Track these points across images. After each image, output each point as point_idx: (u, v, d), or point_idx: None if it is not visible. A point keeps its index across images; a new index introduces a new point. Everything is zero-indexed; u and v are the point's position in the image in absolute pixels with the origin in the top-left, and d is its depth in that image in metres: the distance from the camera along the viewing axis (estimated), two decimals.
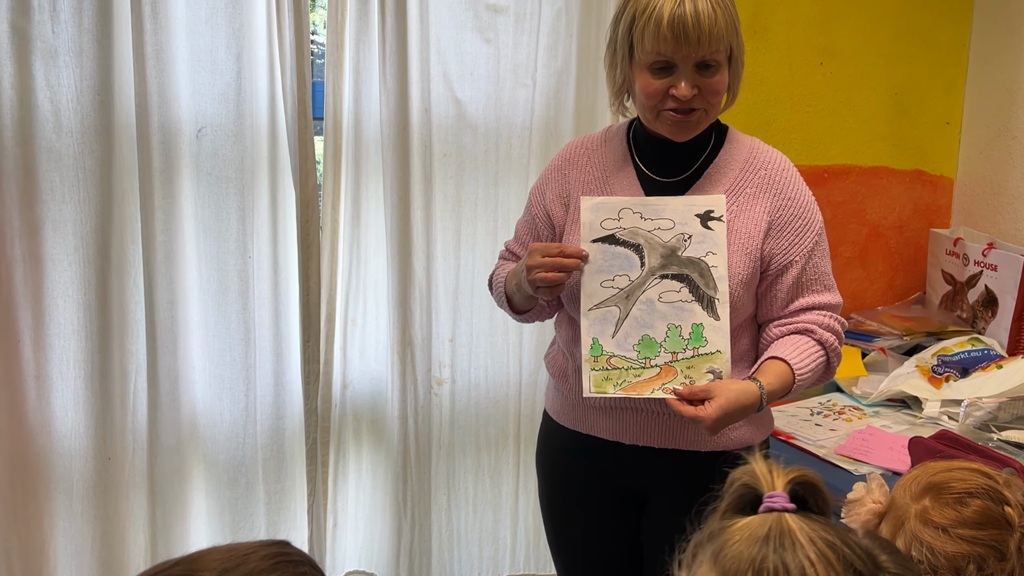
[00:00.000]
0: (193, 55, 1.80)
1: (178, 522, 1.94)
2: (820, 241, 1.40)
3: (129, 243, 1.82)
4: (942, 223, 2.54)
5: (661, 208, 1.34)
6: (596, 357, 1.34)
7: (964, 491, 1.00)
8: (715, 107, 1.35)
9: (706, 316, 1.32)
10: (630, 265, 1.34)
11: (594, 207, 1.35)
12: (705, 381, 1.30)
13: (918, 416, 2.00)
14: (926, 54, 2.42)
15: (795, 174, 1.41)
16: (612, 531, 1.51)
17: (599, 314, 1.34)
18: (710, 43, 1.26)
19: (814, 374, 1.38)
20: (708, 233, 1.32)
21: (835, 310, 1.42)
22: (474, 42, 2.01)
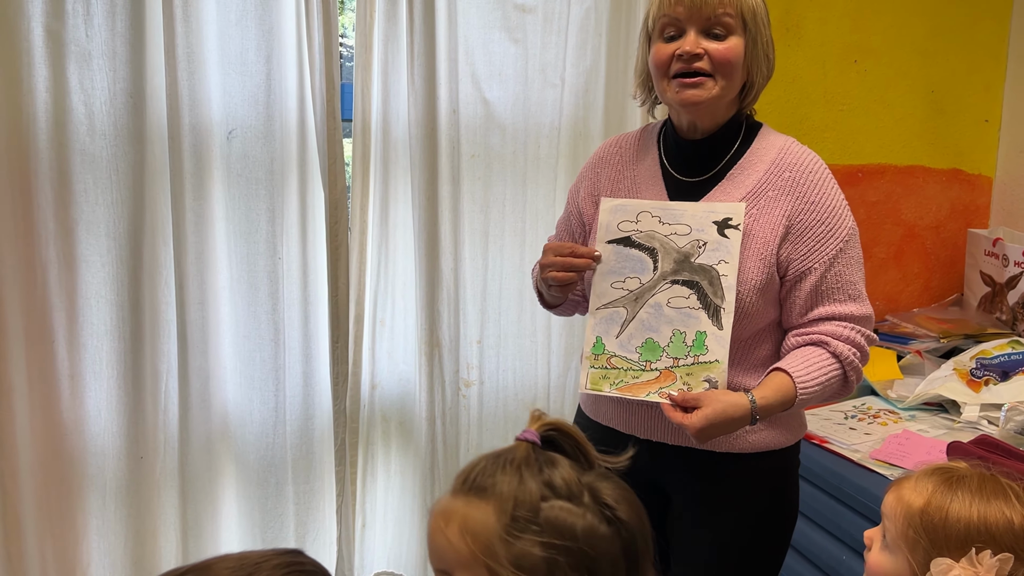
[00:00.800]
0: (224, 57, 1.82)
1: (209, 521, 1.96)
2: (846, 249, 1.33)
3: (161, 244, 1.83)
4: (980, 223, 2.48)
5: (680, 213, 1.33)
6: (597, 355, 1.34)
7: (980, 487, 1.00)
8: (727, 78, 1.31)
9: (710, 324, 1.30)
10: (642, 268, 1.33)
11: (613, 209, 1.36)
12: (701, 389, 1.30)
13: (956, 420, 1.95)
14: (964, 50, 2.37)
15: (823, 177, 1.34)
16: None
17: (606, 314, 1.35)
18: (714, 4, 1.28)
19: (824, 388, 1.31)
20: (723, 241, 1.31)
21: (859, 322, 1.34)
22: (502, 42, 2.00)
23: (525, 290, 2.13)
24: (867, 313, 1.36)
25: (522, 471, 0.85)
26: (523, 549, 0.81)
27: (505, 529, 0.82)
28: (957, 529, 0.97)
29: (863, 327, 1.35)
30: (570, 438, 0.89)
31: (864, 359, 1.36)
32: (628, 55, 2.08)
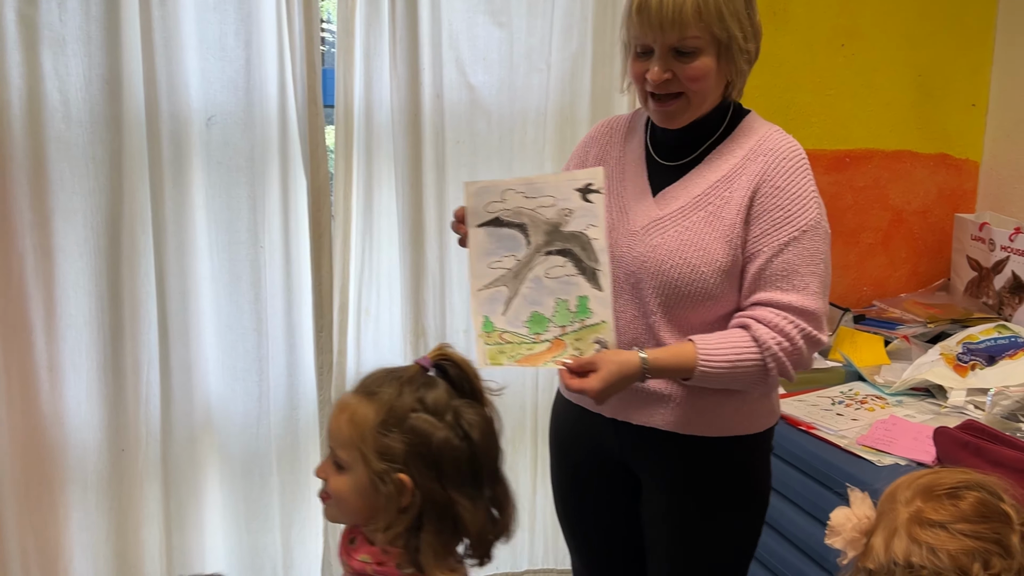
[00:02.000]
0: (202, 42, 1.78)
1: (192, 513, 1.94)
2: (802, 239, 1.29)
3: (140, 233, 1.80)
4: (967, 208, 2.48)
5: (543, 186, 1.35)
6: (489, 333, 1.36)
7: (955, 485, 0.96)
8: (698, 94, 1.30)
9: (590, 288, 1.33)
10: (516, 245, 1.35)
11: (477, 192, 1.36)
12: (592, 351, 1.33)
13: (943, 405, 1.95)
14: (951, 34, 2.36)
15: (795, 165, 1.31)
16: (610, 508, 1.51)
17: (488, 294, 1.36)
18: (674, 29, 1.25)
19: (733, 369, 1.28)
20: (588, 206, 1.33)
21: (797, 314, 1.28)
22: (486, 26, 1.97)
23: None
24: (810, 307, 1.29)
25: (404, 386, 1.09)
26: (388, 444, 1.06)
27: (378, 426, 1.07)
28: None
29: (801, 320, 1.28)
30: (459, 370, 1.12)
31: (795, 353, 1.29)
32: (614, 39, 2.05)
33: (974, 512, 0.94)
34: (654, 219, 1.36)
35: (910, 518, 0.95)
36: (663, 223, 1.35)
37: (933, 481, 0.97)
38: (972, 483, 0.97)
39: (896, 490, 0.99)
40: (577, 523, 1.57)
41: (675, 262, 1.32)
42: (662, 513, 1.43)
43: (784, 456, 1.85)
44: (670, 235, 1.33)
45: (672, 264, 1.32)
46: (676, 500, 1.41)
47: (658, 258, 1.33)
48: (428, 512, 1.06)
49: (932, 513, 0.94)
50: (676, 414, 1.37)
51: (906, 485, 0.98)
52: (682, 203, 1.35)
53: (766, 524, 1.92)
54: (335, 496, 1.10)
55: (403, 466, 1.05)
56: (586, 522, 1.55)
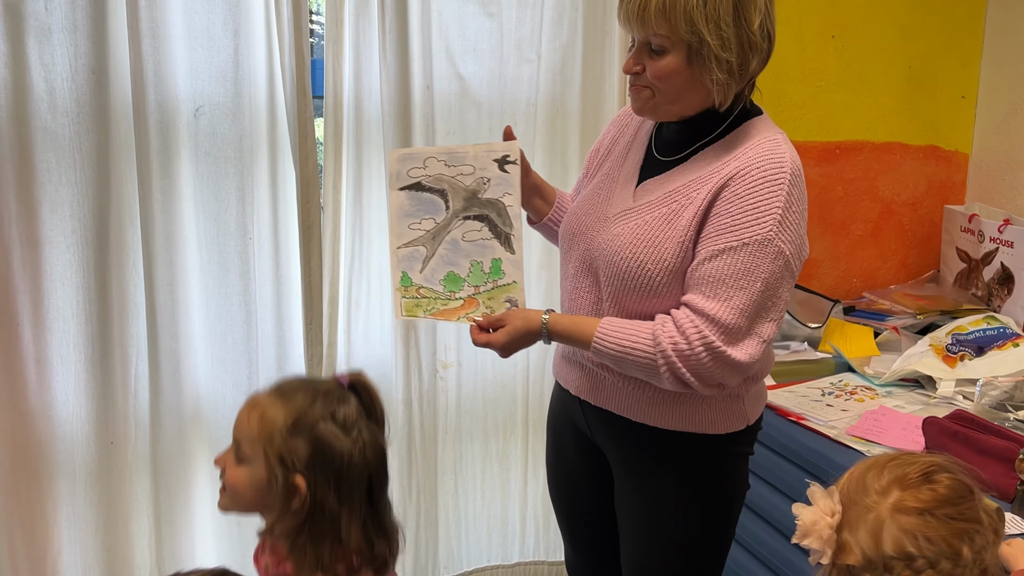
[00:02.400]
0: (189, 32, 1.77)
1: (182, 507, 1.93)
2: (740, 251, 1.23)
3: (128, 225, 1.79)
4: (957, 199, 2.49)
5: (463, 156, 1.44)
6: (406, 287, 1.46)
7: (925, 470, 0.96)
8: (664, 92, 1.29)
9: (503, 251, 1.44)
10: (436, 209, 1.45)
11: (401, 158, 1.45)
12: (503, 309, 1.43)
13: (932, 396, 1.96)
14: (941, 27, 2.37)
15: (768, 176, 1.24)
16: (590, 487, 1.53)
17: (407, 252, 1.46)
18: (639, 24, 1.26)
19: (623, 356, 1.28)
20: (504, 176, 1.43)
21: (708, 322, 1.23)
22: (476, 16, 1.96)
23: None
24: (723, 319, 1.23)
25: (318, 397, 1.14)
26: (293, 447, 1.11)
27: (286, 429, 1.12)
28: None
29: (708, 329, 1.23)
30: (370, 397, 1.19)
31: (691, 360, 1.24)
32: (605, 30, 2.05)
33: (953, 494, 0.95)
34: (625, 208, 1.37)
35: (894, 508, 0.95)
36: (629, 214, 1.35)
37: (902, 468, 0.97)
38: (937, 465, 0.98)
39: (863, 480, 0.98)
40: (564, 504, 1.60)
41: (625, 255, 1.32)
42: (624, 496, 1.45)
43: (774, 447, 1.86)
44: (629, 227, 1.34)
45: (623, 257, 1.32)
46: (636, 486, 1.42)
47: (613, 248, 1.34)
48: (315, 519, 1.11)
49: (914, 501, 0.94)
50: (629, 400, 1.38)
51: (874, 475, 0.98)
52: (653, 197, 1.35)
53: (756, 515, 1.93)
54: (230, 487, 1.15)
55: (302, 471, 1.10)
56: (571, 502, 1.58)
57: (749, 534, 1.93)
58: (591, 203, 1.43)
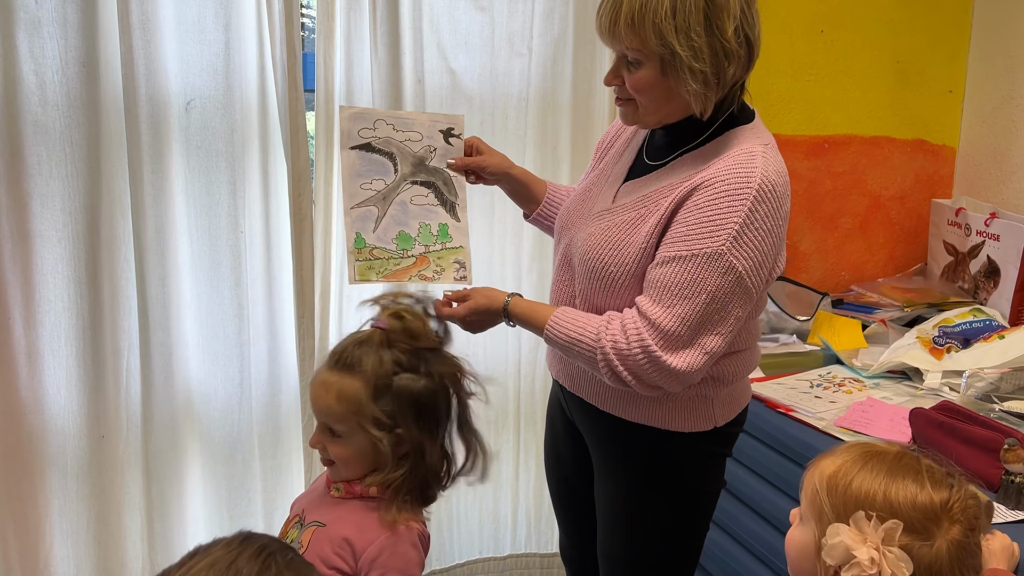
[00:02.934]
0: (180, 25, 1.77)
1: (174, 500, 1.93)
2: (689, 261, 1.22)
3: (119, 218, 1.79)
4: (944, 193, 2.51)
5: (411, 122, 1.50)
6: (360, 249, 1.49)
7: (898, 456, 0.98)
8: (645, 105, 1.30)
9: (449, 218, 1.52)
10: (385, 171, 1.49)
11: (351, 116, 1.48)
12: (452, 269, 1.51)
13: (919, 388, 1.98)
14: (928, 21, 2.38)
15: (732, 190, 1.22)
16: (580, 474, 1.54)
17: (360, 212, 1.49)
18: (616, 39, 1.27)
19: (571, 346, 1.31)
20: (449, 148, 1.51)
21: (649, 326, 1.23)
22: (468, 10, 1.97)
23: (494, 264, 2.11)
24: (663, 324, 1.22)
25: (380, 353, 1.21)
26: (382, 409, 1.20)
27: (369, 396, 1.19)
28: (857, 496, 0.95)
29: (647, 333, 1.23)
30: (407, 329, 1.24)
31: (628, 360, 1.24)
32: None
33: (943, 473, 0.96)
34: (604, 208, 1.39)
35: (931, 504, 0.93)
36: (605, 214, 1.38)
37: (889, 462, 0.97)
38: (901, 451, 0.99)
39: (849, 490, 0.96)
40: (557, 489, 1.64)
41: (593, 254, 1.35)
42: (600, 484, 1.48)
43: (763, 438, 1.88)
44: (601, 228, 1.36)
45: (591, 255, 1.36)
46: (607, 474, 1.46)
47: (586, 246, 1.37)
48: (416, 458, 1.22)
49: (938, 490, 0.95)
50: (597, 389, 1.41)
51: (861, 480, 0.96)
52: (628, 200, 1.36)
53: (746, 506, 1.95)
54: (339, 461, 1.23)
55: (396, 423, 1.20)
56: (563, 488, 1.62)
57: (738, 524, 1.95)
58: (583, 198, 1.46)
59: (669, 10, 1.21)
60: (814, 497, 0.99)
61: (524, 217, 1.63)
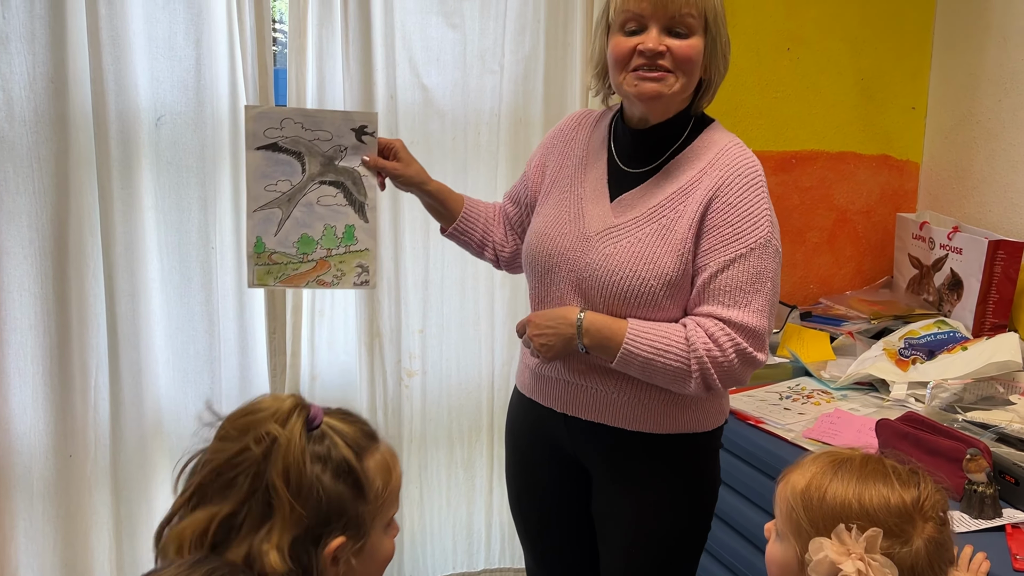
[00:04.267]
0: (151, 41, 1.76)
1: (143, 521, 1.91)
2: (748, 257, 1.29)
3: (87, 235, 1.77)
4: (908, 207, 2.56)
5: (321, 120, 1.47)
6: (259, 254, 1.48)
7: (866, 462, 0.99)
8: (686, 76, 1.31)
9: (357, 219, 1.49)
10: (292, 171, 1.47)
11: (257, 116, 1.46)
12: (353, 274, 1.50)
13: (886, 399, 2.01)
14: (891, 40, 2.44)
15: (751, 182, 1.32)
16: (561, 500, 1.52)
17: (263, 215, 1.47)
18: (678, 3, 1.29)
19: (654, 359, 1.29)
20: (361, 146, 1.48)
21: (735, 328, 1.29)
22: (440, 27, 1.98)
23: (467, 278, 2.12)
24: (750, 324, 1.29)
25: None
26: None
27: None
28: (833, 508, 0.96)
29: (737, 335, 1.29)
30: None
31: (724, 364, 1.28)
32: (567, 42, 2.08)
33: (907, 471, 0.99)
34: (609, 226, 1.37)
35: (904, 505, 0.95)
36: (617, 232, 1.36)
37: (857, 468, 0.99)
38: (865, 455, 1.01)
39: (824, 502, 0.97)
40: (530, 517, 1.58)
41: (625, 272, 1.33)
42: (613, 507, 1.45)
43: (734, 450, 1.89)
44: (623, 245, 1.35)
45: (623, 275, 1.33)
46: (626, 494, 1.43)
47: (609, 267, 1.35)
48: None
49: (907, 489, 0.97)
50: (623, 411, 1.39)
51: (834, 490, 0.97)
52: (637, 213, 1.36)
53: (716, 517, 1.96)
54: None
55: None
56: (539, 516, 1.57)
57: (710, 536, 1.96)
58: (561, 223, 1.42)
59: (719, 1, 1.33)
60: (790, 513, 1.00)
61: (440, 232, 1.60)
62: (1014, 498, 1.53)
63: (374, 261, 1.50)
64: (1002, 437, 1.69)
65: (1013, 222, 2.26)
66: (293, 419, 0.91)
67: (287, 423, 0.91)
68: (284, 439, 0.89)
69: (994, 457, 1.55)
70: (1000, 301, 2.15)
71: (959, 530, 1.48)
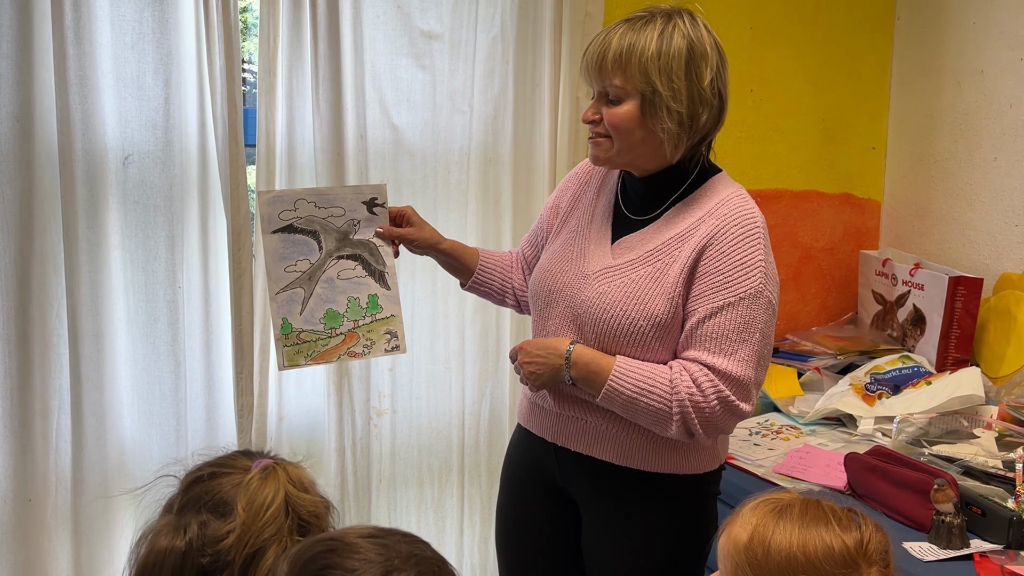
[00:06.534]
0: (119, 81, 1.76)
1: (105, 566, 1.86)
2: (738, 306, 1.30)
3: (51, 275, 1.75)
4: (871, 244, 2.61)
5: (332, 197, 1.52)
6: (287, 335, 1.50)
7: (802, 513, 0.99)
8: (621, 140, 1.37)
9: (379, 287, 1.53)
10: (309, 250, 1.50)
11: (271, 201, 1.49)
12: (383, 341, 1.52)
13: (853, 433, 2.03)
14: (851, 83, 2.51)
15: (747, 232, 1.33)
16: (549, 534, 1.52)
17: (286, 296, 1.50)
18: (602, 75, 1.35)
19: (640, 397, 1.31)
20: (374, 217, 1.53)
21: (720, 376, 1.30)
22: (409, 68, 2.00)
23: (438, 316, 2.12)
24: (734, 373, 1.30)
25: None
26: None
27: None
28: (779, 561, 0.95)
29: (721, 382, 1.30)
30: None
31: (705, 410, 1.29)
32: (535, 83, 2.11)
33: (846, 512, 0.99)
34: (606, 266, 1.41)
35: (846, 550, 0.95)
36: (613, 272, 1.40)
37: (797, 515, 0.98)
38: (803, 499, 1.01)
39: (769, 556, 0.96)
40: (516, 551, 1.57)
41: (615, 312, 1.36)
42: (602, 541, 1.45)
43: None
44: (616, 285, 1.38)
45: (613, 314, 1.36)
46: (610, 528, 1.43)
47: (602, 305, 1.38)
48: None
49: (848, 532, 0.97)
50: (615, 444, 1.40)
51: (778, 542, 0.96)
52: (634, 256, 1.40)
53: None
54: None
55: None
56: (525, 550, 1.56)
57: None
58: (564, 260, 1.47)
59: (655, 52, 1.32)
60: (736, 571, 0.99)
61: (460, 286, 1.65)
62: (981, 529, 1.55)
63: (401, 326, 1.53)
64: (967, 470, 1.71)
65: (972, 259, 2.32)
66: None
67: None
68: None
69: (961, 489, 1.57)
70: (962, 336, 2.19)
71: (927, 559, 1.49)
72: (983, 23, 2.26)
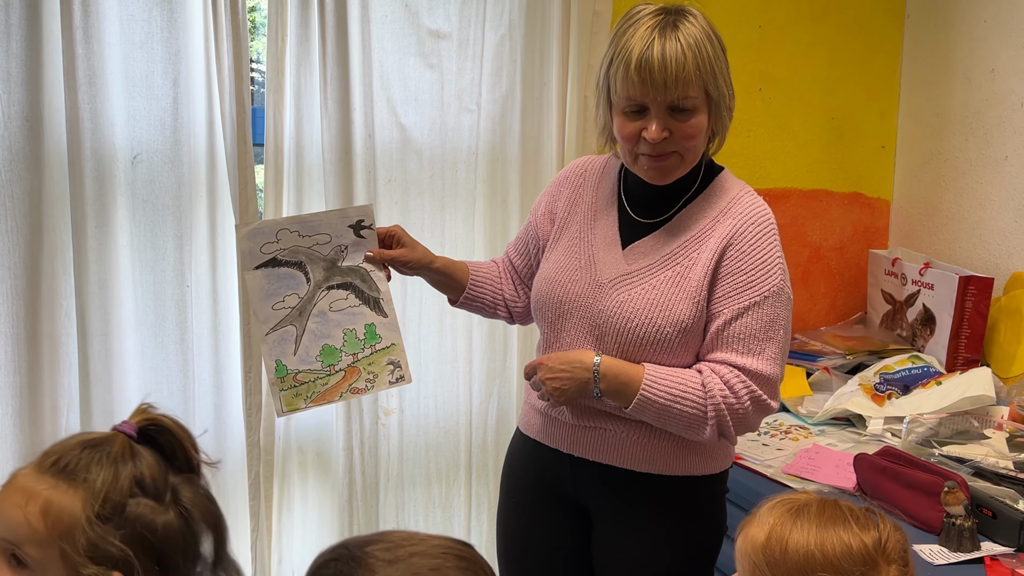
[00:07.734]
0: (128, 80, 1.77)
1: None
2: (762, 305, 1.31)
3: (60, 274, 1.76)
4: (880, 244, 2.60)
5: (316, 224, 1.40)
6: (283, 378, 1.38)
7: (819, 513, 0.98)
8: (691, 151, 1.33)
9: (375, 316, 1.41)
10: (297, 283, 1.39)
11: (250, 234, 1.38)
12: (386, 373, 1.40)
13: (862, 434, 2.02)
14: (860, 82, 2.50)
15: (764, 230, 1.34)
16: (557, 546, 1.50)
17: (276, 336, 1.38)
18: (677, 87, 1.26)
19: (670, 405, 1.29)
20: (362, 241, 1.41)
21: (750, 375, 1.30)
22: (417, 67, 2.00)
23: (445, 316, 2.11)
24: (764, 372, 1.31)
25: (117, 465, 0.89)
26: (103, 537, 0.86)
27: (89, 519, 0.87)
28: (796, 560, 0.95)
29: (752, 382, 1.30)
30: (169, 435, 0.95)
31: (739, 411, 1.30)
32: (543, 82, 2.11)
33: (864, 512, 0.99)
34: (622, 273, 1.38)
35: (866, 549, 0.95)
36: (631, 279, 1.37)
37: (815, 514, 0.98)
38: (820, 499, 1.00)
39: (787, 555, 0.96)
40: (521, 563, 1.54)
41: (640, 320, 1.34)
42: (615, 548, 1.43)
43: None
44: (636, 292, 1.36)
45: (637, 322, 1.34)
46: (628, 535, 1.42)
47: (624, 314, 1.35)
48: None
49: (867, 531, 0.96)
50: (636, 451, 1.38)
51: (796, 541, 0.96)
52: (651, 260, 1.37)
53: None
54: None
55: (118, 561, 0.87)
56: (528, 561, 1.53)
57: None
58: (572, 269, 1.42)
59: (709, 55, 1.29)
60: (753, 570, 0.99)
61: (450, 303, 1.58)
62: (992, 531, 1.54)
63: (403, 354, 1.40)
64: (978, 471, 1.70)
65: (982, 258, 2.30)
66: None
67: None
68: None
69: (971, 491, 1.56)
70: (972, 336, 2.18)
71: (938, 562, 1.48)
72: (994, 21, 2.25)
